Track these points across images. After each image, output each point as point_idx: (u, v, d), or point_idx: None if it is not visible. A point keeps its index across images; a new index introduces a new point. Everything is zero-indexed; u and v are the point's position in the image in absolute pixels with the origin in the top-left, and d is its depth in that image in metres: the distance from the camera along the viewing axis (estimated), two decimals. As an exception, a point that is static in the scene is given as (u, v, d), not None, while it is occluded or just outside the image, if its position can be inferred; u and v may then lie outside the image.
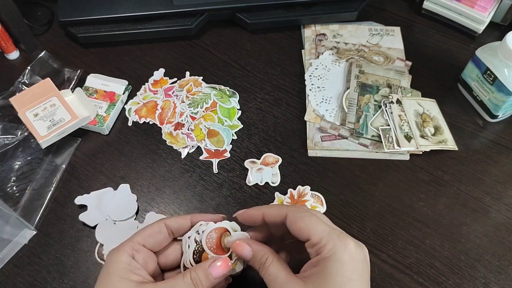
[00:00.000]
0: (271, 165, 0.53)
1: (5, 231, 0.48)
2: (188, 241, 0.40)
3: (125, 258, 0.36)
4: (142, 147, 0.55)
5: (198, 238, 0.39)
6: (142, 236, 0.38)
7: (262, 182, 0.52)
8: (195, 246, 0.39)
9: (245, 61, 0.64)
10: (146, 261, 0.38)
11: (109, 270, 0.36)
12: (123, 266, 0.36)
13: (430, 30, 0.67)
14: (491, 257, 0.47)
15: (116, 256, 0.36)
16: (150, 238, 0.38)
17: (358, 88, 0.58)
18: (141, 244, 0.38)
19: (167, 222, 0.39)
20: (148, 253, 0.38)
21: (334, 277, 0.33)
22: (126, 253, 0.36)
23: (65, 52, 0.65)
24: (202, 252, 0.39)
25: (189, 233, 0.40)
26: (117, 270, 0.36)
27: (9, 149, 0.53)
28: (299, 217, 0.36)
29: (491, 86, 0.54)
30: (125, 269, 0.36)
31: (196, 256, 0.39)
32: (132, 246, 0.37)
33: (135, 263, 0.36)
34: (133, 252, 0.37)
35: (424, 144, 0.53)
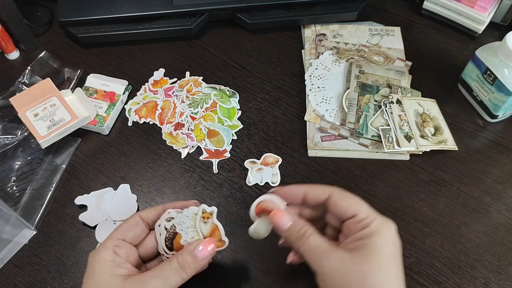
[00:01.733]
0: (271, 165, 0.53)
1: (5, 231, 0.48)
2: (159, 229, 0.41)
3: (109, 256, 0.37)
4: (142, 147, 0.55)
5: (168, 226, 0.40)
6: (120, 232, 0.39)
7: (262, 182, 0.52)
8: (166, 233, 0.40)
9: (245, 61, 0.64)
10: (128, 255, 0.39)
11: (95, 271, 0.36)
12: (108, 263, 0.36)
13: (430, 30, 0.67)
14: (491, 257, 0.47)
15: (99, 255, 0.37)
16: (129, 232, 0.39)
17: (358, 88, 0.58)
18: (121, 239, 0.39)
19: (141, 215, 0.41)
20: (128, 246, 0.39)
21: (379, 250, 0.35)
22: (109, 251, 0.37)
23: (65, 52, 0.65)
24: (173, 238, 0.40)
25: (159, 221, 0.41)
26: (103, 268, 0.36)
27: (9, 149, 0.53)
28: (344, 195, 0.38)
29: (491, 86, 0.54)
30: (111, 266, 0.36)
31: (168, 243, 0.40)
32: (113, 243, 0.38)
33: (119, 258, 0.37)
34: (114, 248, 0.38)
35: (424, 144, 0.53)
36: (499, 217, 0.50)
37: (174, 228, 0.40)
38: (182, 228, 0.40)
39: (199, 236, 0.40)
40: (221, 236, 0.40)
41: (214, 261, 0.47)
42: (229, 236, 0.48)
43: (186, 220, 0.40)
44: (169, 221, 0.40)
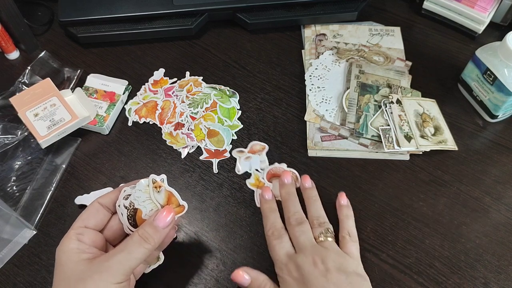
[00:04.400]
0: (258, 152, 0.54)
1: (5, 231, 0.48)
2: (120, 210, 0.41)
3: (72, 244, 0.37)
4: (142, 147, 0.55)
5: (127, 203, 0.40)
6: (81, 220, 0.40)
7: (251, 170, 0.53)
8: (127, 211, 0.40)
9: (245, 61, 0.64)
10: (94, 240, 0.39)
11: (61, 261, 0.37)
12: (73, 251, 0.37)
13: (430, 30, 0.67)
14: (491, 257, 0.47)
15: (63, 246, 0.38)
16: (90, 219, 0.40)
17: (358, 88, 0.58)
18: (83, 227, 0.39)
19: (99, 200, 0.41)
20: (92, 232, 0.39)
21: None
22: (71, 240, 0.38)
23: (65, 52, 0.65)
24: (134, 215, 0.40)
25: (118, 202, 0.41)
26: (68, 257, 0.37)
27: (9, 149, 0.53)
28: None
29: (491, 86, 0.54)
30: (76, 253, 0.37)
31: (131, 221, 0.40)
32: (75, 232, 0.38)
33: (83, 245, 0.38)
34: (77, 236, 0.38)
35: (424, 144, 0.53)
36: (499, 217, 0.50)
37: (133, 204, 0.40)
38: (139, 203, 0.40)
39: (157, 207, 0.40)
40: (178, 201, 0.41)
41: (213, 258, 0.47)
42: (229, 236, 0.48)
43: (140, 194, 0.40)
44: (127, 199, 0.41)
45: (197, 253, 0.47)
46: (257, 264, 0.47)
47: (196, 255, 0.47)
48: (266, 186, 0.50)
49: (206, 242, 0.48)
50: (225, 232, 0.49)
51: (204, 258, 0.47)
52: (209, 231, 0.49)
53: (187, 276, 0.46)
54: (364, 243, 0.48)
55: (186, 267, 0.46)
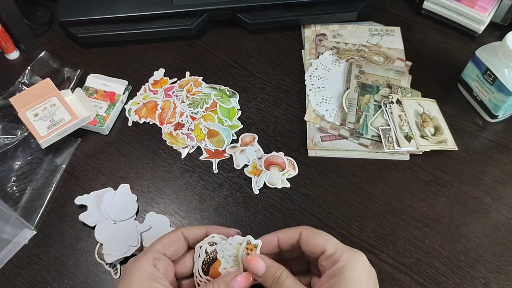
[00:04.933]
0: (250, 143, 0.54)
1: (5, 231, 0.48)
2: (199, 251, 0.40)
3: (149, 268, 0.36)
4: (142, 147, 0.55)
5: (209, 250, 0.39)
6: (162, 245, 0.38)
7: (249, 162, 0.53)
8: (205, 257, 0.39)
9: (245, 61, 0.64)
10: (167, 270, 0.38)
11: (133, 280, 0.35)
12: (147, 276, 0.36)
13: (430, 30, 0.67)
14: (491, 257, 0.47)
15: (139, 265, 0.36)
16: (170, 247, 0.39)
17: (358, 88, 0.58)
18: (162, 253, 0.38)
19: (184, 232, 0.40)
20: (168, 261, 0.38)
21: (353, 284, 0.34)
22: (149, 263, 0.36)
23: (65, 52, 0.65)
24: (211, 263, 0.39)
25: (201, 243, 0.40)
26: (141, 279, 0.35)
27: (9, 149, 0.53)
28: (313, 233, 0.38)
29: (491, 86, 0.54)
30: (149, 278, 0.35)
31: (205, 267, 0.39)
32: (153, 255, 0.37)
33: (158, 272, 0.36)
34: (154, 261, 0.37)
35: (424, 144, 0.53)
36: (499, 217, 0.50)
37: (215, 253, 0.39)
38: (223, 256, 0.39)
39: (239, 267, 0.39)
40: None
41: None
42: (229, 236, 0.48)
43: (229, 248, 0.39)
44: (212, 245, 0.40)
45: (197, 253, 0.47)
46: (257, 264, 0.47)
47: (196, 255, 0.47)
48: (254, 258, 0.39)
49: (206, 242, 0.48)
50: (225, 232, 0.49)
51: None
52: (209, 231, 0.49)
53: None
54: (364, 243, 0.48)
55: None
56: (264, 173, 0.52)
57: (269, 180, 0.52)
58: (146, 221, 0.49)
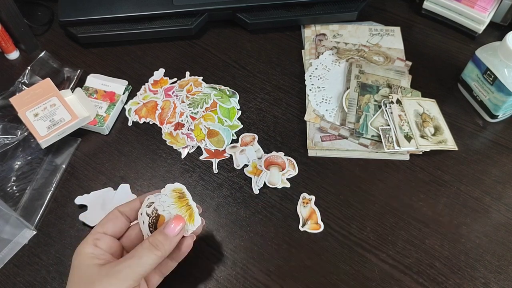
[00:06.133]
0: (250, 143, 0.54)
1: (5, 231, 0.48)
2: (142, 218, 0.41)
3: (88, 249, 0.38)
4: (142, 147, 0.55)
5: (149, 211, 0.40)
6: (100, 225, 0.40)
7: (249, 162, 0.53)
8: (148, 219, 0.40)
9: (245, 61, 0.64)
10: (110, 246, 0.39)
11: (75, 264, 0.38)
12: (87, 256, 0.37)
13: (430, 30, 0.67)
14: (491, 257, 0.47)
15: (79, 250, 0.38)
16: (109, 225, 0.40)
17: (358, 88, 0.58)
18: (101, 233, 0.39)
19: (119, 208, 0.41)
20: (110, 239, 0.40)
21: None
22: (88, 244, 0.38)
23: (65, 52, 0.65)
24: (156, 222, 0.40)
25: (140, 210, 0.41)
26: (82, 260, 0.37)
27: (9, 149, 0.53)
28: None
29: (491, 86, 0.54)
30: (89, 257, 0.37)
31: (152, 229, 0.40)
32: (93, 237, 0.39)
33: (99, 250, 0.38)
34: (94, 241, 0.38)
35: (424, 144, 0.53)
36: (499, 217, 0.50)
37: (156, 211, 0.40)
38: (164, 208, 0.40)
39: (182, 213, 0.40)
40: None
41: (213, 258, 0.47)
42: (229, 236, 0.48)
43: (166, 199, 0.40)
44: (150, 206, 0.40)
45: (197, 253, 0.47)
46: (257, 264, 0.47)
47: (196, 255, 0.47)
48: None
49: (206, 242, 0.48)
50: (225, 232, 0.49)
51: (204, 258, 0.47)
52: (209, 231, 0.49)
53: (187, 276, 0.46)
54: (364, 243, 0.48)
55: (186, 267, 0.46)
56: (264, 173, 0.52)
57: (269, 180, 0.52)
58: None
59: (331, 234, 0.49)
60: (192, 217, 0.40)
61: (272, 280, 0.46)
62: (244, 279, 0.46)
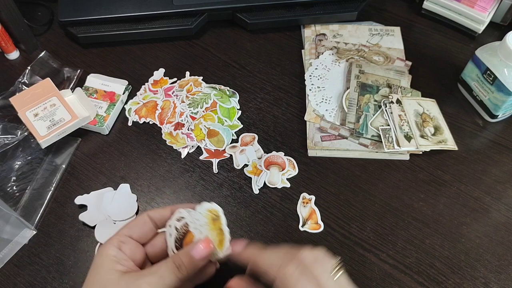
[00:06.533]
0: (250, 143, 0.54)
1: (5, 231, 0.48)
2: (169, 230, 0.40)
3: (112, 251, 0.37)
4: (142, 147, 0.55)
5: (179, 225, 0.40)
6: (127, 228, 0.39)
7: (249, 162, 0.53)
8: (176, 233, 0.40)
9: (245, 61, 0.64)
10: (134, 252, 0.38)
11: (97, 263, 0.37)
12: (110, 258, 0.37)
13: (430, 30, 0.67)
14: (491, 257, 0.47)
15: (103, 249, 0.37)
16: (136, 229, 0.39)
17: (358, 88, 0.58)
18: (128, 236, 0.39)
19: (149, 214, 0.40)
20: (135, 244, 0.39)
21: None
22: (113, 246, 0.37)
23: (65, 52, 0.65)
24: (183, 239, 0.39)
25: (169, 221, 0.40)
26: (104, 262, 0.36)
27: (9, 149, 0.53)
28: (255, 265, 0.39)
29: (491, 86, 0.54)
30: (112, 260, 0.36)
31: (178, 244, 0.39)
32: (119, 239, 0.38)
33: (122, 254, 0.37)
34: (119, 244, 0.38)
35: (424, 144, 0.53)
36: (499, 217, 0.50)
37: (186, 227, 0.39)
38: (195, 226, 0.39)
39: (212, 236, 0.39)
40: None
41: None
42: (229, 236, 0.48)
43: (199, 217, 0.39)
44: (180, 220, 0.40)
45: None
46: (257, 264, 0.47)
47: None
48: None
49: (206, 242, 0.48)
50: (225, 232, 0.49)
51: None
52: (209, 231, 0.49)
53: (187, 276, 0.46)
54: (364, 243, 0.48)
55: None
56: (264, 173, 0.52)
57: (269, 180, 0.52)
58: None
59: (331, 234, 0.49)
60: (222, 243, 0.39)
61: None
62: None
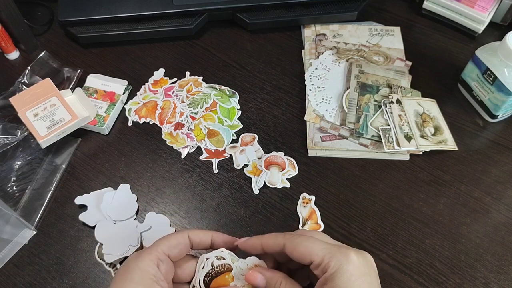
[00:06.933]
0: (250, 143, 0.55)
1: (5, 231, 0.48)
2: (205, 262, 0.39)
3: (152, 269, 0.35)
4: (142, 147, 0.55)
5: (216, 264, 0.39)
6: (168, 246, 0.37)
7: (249, 162, 0.53)
8: (210, 269, 0.39)
9: (245, 61, 0.64)
10: (168, 272, 0.37)
11: (134, 278, 0.34)
12: (149, 276, 0.35)
13: (430, 30, 0.67)
14: (491, 257, 0.47)
15: (142, 264, 0.35)
16: (176, 249, 0.37)
17: (358, 88, 0.58)
18: (166, 254, 0.37)
19: (190, 235, 0.39)
20: (170, 264, 0.37)
21: None
22: (153, 263, 0.35)
23: (65, 52, 0.65)
24: (214, 277, 0.38)
25: (208, 254, 0.39)
26: (143, 279, 0.34)
27: (9, 149, 0.53)
28: (296, 243, 0.36)
29: (491, 86, 0.54)
30: (151, 279, 0.35)
31: (207, 279, 0.38)
32: (158, 256, 0.36)
33: (160, 274, 0.35)
34: (158, 262, 0.36)
35: (424, 144, 0.53)
36: (499, 217, 0.50)
37: (221, 268, 0.38)
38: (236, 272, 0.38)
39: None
40: None
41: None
42: (229, 236, 0.48)
43: (244, 267, 0.39)
44: (219, 259, 0.39)
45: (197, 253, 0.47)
46: (257, 264, 0.47)
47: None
48: None
49: (206, 242, 0.48)
50: (225, 232, 0.49)
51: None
52: (209, 231, 0.49)
53: (187, 276, 0.46)
54: (364, 243, 0.48)
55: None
56: (264, 173, 0.52)
57: (269, 180, 0.52)
58: (146, 221, 0.49)
59: (331, 234, 0.48)
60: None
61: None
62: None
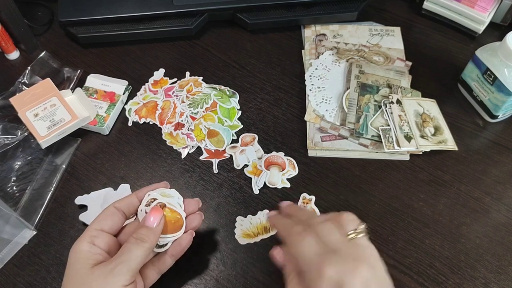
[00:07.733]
0: (250, 143, 0.55)
1: (5, 231, 0.48)
2: (141, 214, 0.41)
3: (84, 246, 0.38)
4: (142, 147, 0.55)
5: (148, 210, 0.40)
6: (97, 222, 0.40)
7: (249, 162, 0.53)
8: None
9: (245, 61, 0.64)
10: (109, 244, 0.39)
11: (71, 261, 0.38)
12: (84, 254, 0.37)
13: (430, 30, 0.67)
14: (491, 257, 0.47)
15: (76, 247, 0.38)
16: (106, 221, 0.40)
17: (358, 88, 0.58)
18: (99, 230, 0.39)
19: (115, 205, 0.41)
20: (108, 236, 0.39)
21: None
22: (85, 242, 0.38)
23: (65, 52, 0.65)
24: None
25: (140, 207, 0.41)
26: (78, 258, 0.37)
27: (9, 149, 0.53)
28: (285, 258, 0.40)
29: (491, 86, 0.54)
30: (86, 256, 0.37)
31: None
32: (90, 234, 0.38)
33: (96, 248, 0.38)
34: (91, 238, 0.38)
35: (424, 144, 0.53)
36: (499, 217, 0.50)
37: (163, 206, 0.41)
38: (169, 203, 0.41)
39: None
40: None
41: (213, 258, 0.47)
42: (229, 236, 0.48)
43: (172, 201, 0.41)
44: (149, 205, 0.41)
45: (197, 253, 0.47)
46: (257, 264, 0.47)
47: (196, 255, 0.47)
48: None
49: (206, 242, 0.48)
50: (225, 232, 0.49)
51: (204, 258, 0.47)
52: (209, 231, 0.49)
53: (187, 276, 0.46)
54: (364, 243, 0.48)
55: (186, 267, 0.46)
56: (264, 173, 0.52)
57: (269, 180, 0.52)
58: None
59: (331, 234, 0.49)
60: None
61: (272, 280, 0.46)
62: (244, 279, 0.46)
